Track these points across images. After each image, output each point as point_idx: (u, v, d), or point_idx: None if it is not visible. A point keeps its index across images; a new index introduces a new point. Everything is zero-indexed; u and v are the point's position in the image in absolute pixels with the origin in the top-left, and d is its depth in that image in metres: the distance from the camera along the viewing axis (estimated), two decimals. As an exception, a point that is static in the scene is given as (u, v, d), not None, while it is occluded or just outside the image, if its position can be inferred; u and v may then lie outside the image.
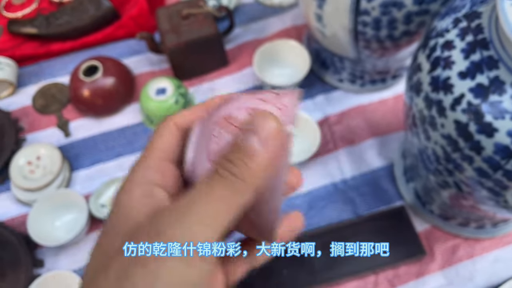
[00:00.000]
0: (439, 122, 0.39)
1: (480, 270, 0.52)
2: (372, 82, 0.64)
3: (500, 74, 0.35)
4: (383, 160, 0.60)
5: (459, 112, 0.37)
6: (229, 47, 0.71)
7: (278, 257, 0.52)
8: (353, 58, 0.58)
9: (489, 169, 0.37)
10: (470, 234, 0.54)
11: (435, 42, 0.40)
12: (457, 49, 0.38)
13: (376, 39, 0.52)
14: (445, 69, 0.38)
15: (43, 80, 0.71)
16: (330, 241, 0.53)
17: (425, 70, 0.41)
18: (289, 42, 0.64)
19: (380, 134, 0.62)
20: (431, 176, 0.46)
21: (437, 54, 0.39)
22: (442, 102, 0.38)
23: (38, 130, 0.67)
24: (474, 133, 0.36)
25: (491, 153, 0.36)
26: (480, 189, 0.40)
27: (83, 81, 0.64)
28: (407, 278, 0.52)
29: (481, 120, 0.36)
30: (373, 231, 0.54)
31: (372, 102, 0.64)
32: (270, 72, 0.65)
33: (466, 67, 0.37)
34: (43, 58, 0.74)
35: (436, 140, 0.40)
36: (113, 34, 0.73)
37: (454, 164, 0.40)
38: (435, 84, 0.39)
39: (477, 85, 0.36)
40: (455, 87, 0.37)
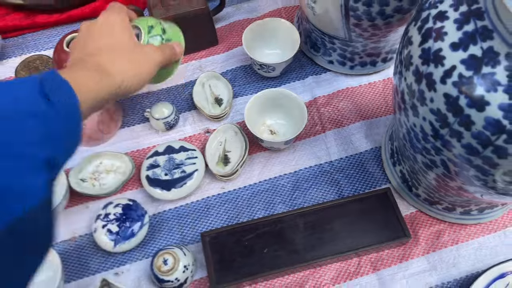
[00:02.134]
0: (429, 96, 0.38)
1: (464, 256, 0.51)
2: (363, 65, 0.63)
3: (494, 45, 0.34)
4: (370, 143, 0.59)
5: (450, 85, 0.36)
6: (220, 26, 0.70)
7: (260, 236, 0.51)
8: (343, 37, 0.57)
9: (478, 145, 0.36)
10: (456, 219, 0.53)
11: (428, 14, 0.39)
12: (450, 20, 0.37)
13: (367, 16, 0.50)
14: (436, 41, 0.37)
15: (27, 52, 0.69)
16: (313, 221, 0.53)
17: (416, 43, 0.39)
18: (280, 21, 0.63)
19: (368, 117, 0.61)
20: (418, 156, 0.45)
21: (429, 26, 0.38)
22: (432, 75, 0.37)
23: (18, 102, 0.64)
24: (464, 106, 0.35)
25: (481, 128, 0.35)
26: (468, 168, 0.39)
27: (67, 53, 0.62)
28: (390, 261, 0.51)
29: (473, 93, 0.34)
30: (358, 213, 0.53)
31: (362, 85, 0.63)
32: (259, 51, 0.64)
33: (458, 38, 0.36)
34: (28, 30, 0.72)
35: (424, 115, 0.39)
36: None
37: (442, 141, 0.39)
38: (426, 57, 0.38)
39: (470, 56, 0.35)
40: (446, 59, 0.36)
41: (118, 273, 0.52)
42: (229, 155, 0.58)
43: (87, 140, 0.59)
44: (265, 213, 0.55)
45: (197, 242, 0.53)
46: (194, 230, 0.54)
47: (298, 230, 0.52)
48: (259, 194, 0.56)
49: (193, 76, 0.65)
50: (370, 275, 0.50)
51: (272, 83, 0.64)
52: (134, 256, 0.53)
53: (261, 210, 0.55)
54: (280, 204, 0.55)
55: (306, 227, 0.52)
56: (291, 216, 0.53)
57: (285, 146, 0.58)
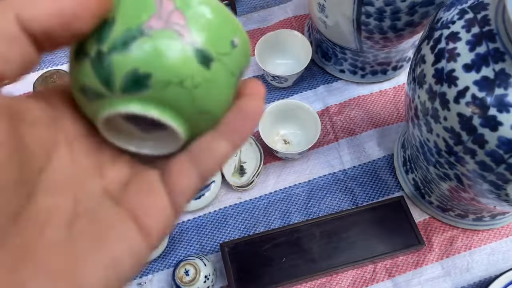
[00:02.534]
0: (442, 114, 0.39)
1: (477, 261, 0.53)
2: (373, 73, 0.64)
3: (506, 67, 0.35)
4: (382, 151, 0.60)
5: (463, 105, 0.37)
6: (230, 36, 0.70)
7: (278, 245, 0.53)
8: (354, 49, 0.58)
9: (491, 162, 0.37)
10: (468, 225, 0.54)
11: (440, 34, 0.40)
12: (462, 41, 0.38)
13: (379, 30, 0.51)
14: (449, 61, 0.38)
15: (44, 67, 0.70)
16: (329, 230, 0.54)
17: (429, 62, 0.40)
18: (291, 32, 0.64)
19: (380, 125, 0.62)
20: (431, 168, 0.46)
21: (442, 46, 0.39)
22: (446, 95, 0.38)
23: (37, 117, 0.66)
24: (477, 126, 0.36)
25: (495, 147, 0.36)
26: (481, 182, 0.40)
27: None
28: (405, 268, 0.53)
29: (486, 113, 0.36)
30: (372, 221, 0.54)
31: (373, 93, 0.64)
32: (271, 62, 0.65)
33: (471, 59, 0.37)
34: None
35: (438, 132, 0.40)
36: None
37: (456, 157, 0.40)
38: (439, 77, 0.39)
39: (482, 78, 0.36)
40: (459, 80, 0.37)
41: (142, 284, 0.54)
42: (244, 166, 0.59)
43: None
44: (281, 222, 0.56)
45: (216, 252, 0.55)
46: (213, 240, 0.56)
47: (314, 239, 0.54)
48: (275, 204, 0.58)
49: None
50: (386, 281, 0.52)
51: (284, 93, 0.65)
52: (156, 267, 0.55)
53: (277, 219, 0.57)
54: (295, 213, 0.57)
55: (322, 236, 0.54)
56: (307, 226, 0.54)
57: (299, 156, 0.59)
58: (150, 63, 0.18)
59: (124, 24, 0.18)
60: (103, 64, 0.18)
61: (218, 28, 0.20)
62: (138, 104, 0.19)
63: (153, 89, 0.19)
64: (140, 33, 0.18)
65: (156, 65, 0.18)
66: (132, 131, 0.21)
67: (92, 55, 0.18)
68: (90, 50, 0.18)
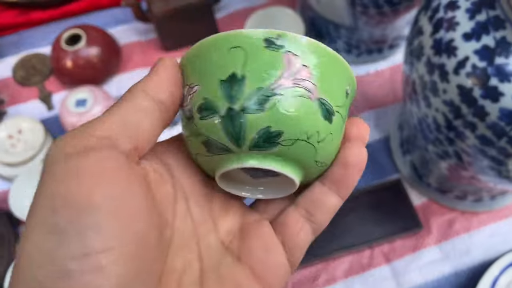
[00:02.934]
0: (441, 87, 0.37)
1: (476, 243, 0.51)
2: (369, 52, 0.61)
3: (507, 35, 0.33)
4: (379, 133, 0.58)
5: (463, 76, 0.35)
6: (220, 16, 0.68)
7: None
8: (349, 25, 0.56)
9: (493, 136, 0.35)
10: (467, 207, 0.53)
11: (438, 3, 0.38)
12: (461, 9, 0.36)
13: (374, 3, 0.49)
14: (448, 31, 0.36)
15: (24, 50, 0.68)
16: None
17: (427, 33, 0.38)
18: (283, 10, 0.61)
19: (376, 106, 0.60)
20: (430, 147, 0.44)
21: (440, 16, 0.37)
22: (445, 66, 0.36)
23: (20, 103, 0.64)
24: (478, 98, 0.34)
25: (496, 119, 0.34)
26: (482, 158, 0.38)
27: (65, 51, 0.61)
28: (403, 252, 0.51)
29: (486, 84, 0.34)
30: (369, 205, 0.52)
31: (369, 74, 0.62)
32: (262, 42, 0.63)
33: (471, 28, 0.35)
34: (23, 27, 0.70)
35: (437, 107, 0.38)
36: (97, 2, 0.70)
37: (455, 132, 0.38)
38: (438, 47, 0.37)
39: (483, 47, 0.34)
40: (459, 50, 0.35)
41: None
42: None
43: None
44: (274, 207, 0.55)
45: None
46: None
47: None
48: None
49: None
50: (383, 266, 0.50)
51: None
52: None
53: (271, 204, 0.55)
54: (289, 198, 0.55)
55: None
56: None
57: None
58: (281, 121, 0.19)
59: (255, 82, 0.19)
60: (235, 122, 0.19)
61: (337, 81, 0.21)
62: (262, 159, 0.20)
63: (281, 146, 0.19)
64: (271, 92, 0.19)
65: (288, 123, 0.19)
66: (245, 178, 0.22)
67: (222, 113, 0.19)
68: (219, 108, 0.19)
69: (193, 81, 0.20)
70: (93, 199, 0.16)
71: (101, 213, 0.16)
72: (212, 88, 0.19)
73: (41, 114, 0.62)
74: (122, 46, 0.67)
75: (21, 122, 0.58)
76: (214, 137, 0.19)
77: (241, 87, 0.19)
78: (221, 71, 0.19)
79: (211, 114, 0.19)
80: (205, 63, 0.20)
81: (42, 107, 0.63)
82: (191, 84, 0.20)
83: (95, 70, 0.62)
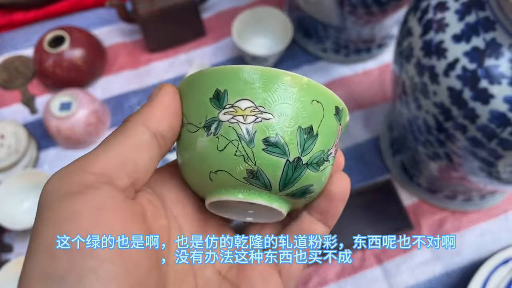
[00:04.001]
0: (431, 89, 0.37)
1: (467, 243, 0.51)
2: (357, 52, 0.61)
3: (497, 36, 0.33)
4: (368, 133, 0.58)
5: (453, 78, 0.35)
6: (206, 16, 0.67)
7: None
8: (337, 25, 0.55)
9: (483, 138, 0.35)
10: (457, 207, 0.53)
11: (427, 4, 0.37)
12: (451, 10, 0.35)
13: (362, 4, 0.48)
14: (438, 32, 0.36)
15: (5, 53, 0.66)
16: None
17: (417, 34, 0.38)
18: (270, 10, 0.61)
19: (365, 106, 0.60)
20: (420, 148, 0.44)
21: (429, 17, 0.37)
22: (435, 68, 0.36)
23: (2, 107, 0.62)
24: (468, 100, 0.34)
25: (486, 121, 0.34)
26: (472, 159, 0.38)
27: (48, 53, 0.59)
28: (394, 253, 0.51)
29: (477, 86, 0.33)
30: (360, 206, 0.52)
31: (357, 73, 0.62)
32: (250, 42, 0.62)
33: (460, 29, 0.34)
34: (5, 29, 0.68)
35: (427, 109, 0.38)
36: (81, 2, 0.68)
37: (446, 134, 0.38)
38: (427, 49, 0.37)
39: (473, 48, 0.34)
40: (448, 51, 0.35)
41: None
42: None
43: (76, 143, 0.57)
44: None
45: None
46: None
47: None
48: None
49: (181, 71, 0.63)
50: (375, 267, 0.50)
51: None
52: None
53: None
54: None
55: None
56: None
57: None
58: (318, 182, 0.21)
59: (322, 144, 0.21)
60: (296, 170, 0.20)
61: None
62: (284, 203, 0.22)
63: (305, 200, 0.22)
64: (327, 157, 0.21)
65: (321, 184, 0.22)
66: (234, 203, 0.23)
67: (291, 158, 0.20)
68: (290, 152, 0.20)
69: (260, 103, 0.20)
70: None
71: (100, 257, 0.16)
72: (289, 129, 0.20)
73: (24, 118, 0.61)
74: (107, 48, 0.65)
75: (3, 127, 0.57)
76: (266, 170, 0.20)
77: (313, 144, 0.20)
78: (301, 118, 0.20)
79: (278, 154, 0.20)
80: (284, 97, 0.20)
81: (25, 111, 0.61)
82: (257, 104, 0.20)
83: (79, 72, 0.60)
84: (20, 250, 0.53)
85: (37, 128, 0.60)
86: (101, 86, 0.63)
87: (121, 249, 0.17)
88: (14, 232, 0.53)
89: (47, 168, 0.57)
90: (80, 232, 0.16)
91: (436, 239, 0.41)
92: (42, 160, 0.58)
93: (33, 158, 0.57)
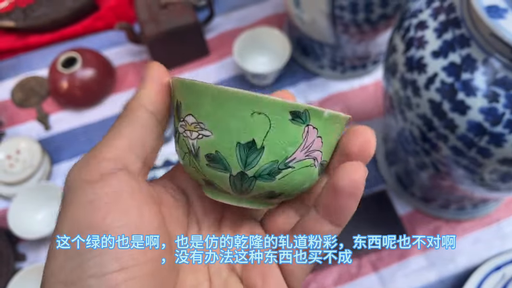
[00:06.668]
0: (414, 102, 0.39)
1: (461, 251, 0.53)
2: (353, 68, 0.64)
3: (472, 52, 0.35)
4: (364, 145, 0.60)
5: (433, 91, 0.37)
6: (210, 37, 0.71)
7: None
8: (332, 43, 0.58)
9: (463, 147, 0.37)
10: (451, 215, 0.54)
11: (409, 23, 0.40)
12: (430, 29, 0.38)
13: (353, 23, 0.52)
14: (418, 49, 0.38)
15: (22, 73, 0.70)
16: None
17: (400, 51, 0.41)
18: (270, 30, 0.64)
19: (361, 119, 0.62)
20: (410, 158, 0.46)
21: (411, 35, 0.40)
22: (417, 82, 0.38)
23: (18, 124, 0.66)
24: (447, 111, 0.37)
25: (465, 131, 0.36)
26: (456, 168, 0.40)
27: (61, 73, 0.63)
28: (390, 260, 0.52)
29: (454, 98, 0.36)
30: (356, 215, 0.53)
31: (353, 89, 0.65)
32: (251, 61, 0.65)
33: (438, 46, 0.37)
34: (21, 51, 0.73)
35: (412, 120, 0.41)
36: (92, 25, 0.73)
37: (430, 143, 0.40)
38: (410, 64, 0.39)
39: (450, 63, 0.36)
40: (428, 67, 0.37)
41: None
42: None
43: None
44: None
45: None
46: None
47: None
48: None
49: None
50: (371, 275, 0.52)
51: (266, 91, 0.65)
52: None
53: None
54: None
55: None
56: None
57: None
58: (287, 187, 0.21)
59: (272, 155, 0.20)
60: (243, 183, 0.20)
61: (337, 139, 0.22)
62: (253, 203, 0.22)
63: (278, 199, 0.22)
64: (285, 165, 0.20)
65: (290, 187, 0.21)
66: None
67: (234, 173, 0.20)
68: (232, 168, 0.20)
69: (202, 119, 0.20)
70: (109, 225, 0.18)
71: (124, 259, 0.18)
72: (227, 146, 0.19)
73: (38, 134, 0.65)
74: (117, 67, 0.69)
75: (19, 142, 0.60)
76: (217, 182, 0.21)
77: (258, 157, 0.19)
78: (240, 133, 0.19)
79: (221, 170, 0.20)
80: (223, 113, 0.19)
81: (39, 128, 0.65)
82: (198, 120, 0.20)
83: (91, 91, 0.64)
84: (33, 259, 0.55)
85: (51, 143, 0.63)
86: (111, 103, 0.66)
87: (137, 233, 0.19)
88: (28, 242, 0.56)
89: (59, 181, 0.61)
90: (98, 215, 0.18)
91: (436, 239, 0.43)
92: (55, 174, 0.61)
93: (46, 172, 0.60)
